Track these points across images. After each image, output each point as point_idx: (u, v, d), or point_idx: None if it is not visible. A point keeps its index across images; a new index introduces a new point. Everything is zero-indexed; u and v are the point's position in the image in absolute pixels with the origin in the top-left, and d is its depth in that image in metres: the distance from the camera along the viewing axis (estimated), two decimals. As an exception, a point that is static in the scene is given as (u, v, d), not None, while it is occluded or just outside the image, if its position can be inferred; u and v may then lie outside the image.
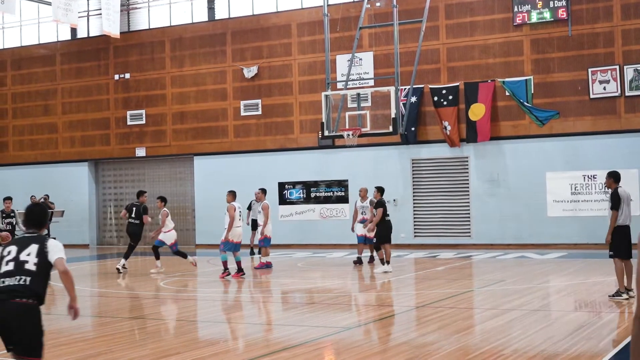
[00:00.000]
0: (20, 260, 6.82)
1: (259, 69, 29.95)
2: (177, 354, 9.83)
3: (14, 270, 6.79)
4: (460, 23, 27.18)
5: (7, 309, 6.69)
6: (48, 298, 15.90)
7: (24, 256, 6.85)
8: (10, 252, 6.90)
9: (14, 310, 6.71)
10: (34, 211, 7.32)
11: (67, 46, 33.68)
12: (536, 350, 9.61)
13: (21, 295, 6.73)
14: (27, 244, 6.93)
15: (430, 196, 27.58)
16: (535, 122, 25.85)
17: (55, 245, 7.01)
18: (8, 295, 6.71)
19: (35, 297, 6.86)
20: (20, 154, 34.54)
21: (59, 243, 7.15)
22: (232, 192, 19.31)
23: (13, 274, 6.77)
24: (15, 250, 6.90)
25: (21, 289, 6.73)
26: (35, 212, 7.31)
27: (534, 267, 20.11)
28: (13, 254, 6.88)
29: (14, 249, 6.90)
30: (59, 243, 7.15)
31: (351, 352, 9.87)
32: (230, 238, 18.67)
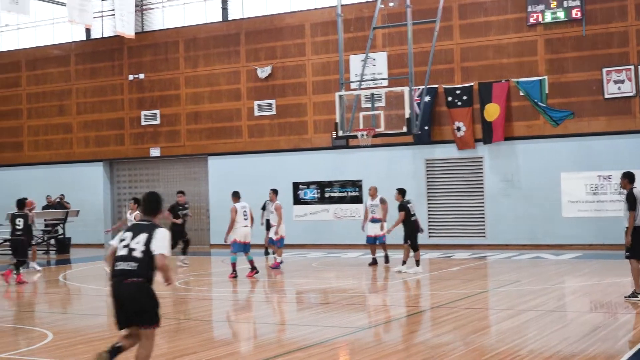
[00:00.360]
0: (131, 247, 7.84)
1: (272, 69, 29.98)
2: (193, 354, 9.87)
3: (126, 256, 7.83)
4: (474, 23, 27.13)
5: (122, 289, 7.81)
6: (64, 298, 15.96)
7: (134, 244, 7.85)
8: (125, 237, 7.95)
9: (127, 289, 7.79)
10: (149, 200, 8.21)
11: (82, 47, 33.81)
12: (552, 351, 9.60)
13: (131, 276, 7.78)
14: (139, 232, 7.92)
15: (445, 196, 27.53)
16: (550, 122, 25.78)
17: (161, 238, 7.89)
18: (122, 277, 7.81)
19: (144, 278, 7.86)
20: (36, 154, 34.69)
21: (165, 236, 7.95)
22: (234, 193, 19.38)
23: (125, 259, 7.83)
24: (129, 237, 7.92)
25: (131, 273, 7.78)
26: (150, 201, 8.21)
27: (549, 267, 20.06)
28: (127, 240, 7.91)
29: (129, 236, 7.93)
30: (165, 236, 7.95)
31: (366, 353, 9.87)
32: (237, 239, 18.73)
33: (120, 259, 7.86)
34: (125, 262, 7.82)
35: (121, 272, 7.82)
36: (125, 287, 7.81)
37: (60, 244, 29.13)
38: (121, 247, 7.90)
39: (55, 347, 10.59)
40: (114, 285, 7.89)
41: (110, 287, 7.94)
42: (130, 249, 7.84)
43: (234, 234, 18.77)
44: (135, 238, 7.87)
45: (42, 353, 10.23)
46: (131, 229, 8.04)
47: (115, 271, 7.87)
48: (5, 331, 12.14)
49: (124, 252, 7.87)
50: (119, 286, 7.84)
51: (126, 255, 7.83)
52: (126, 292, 7.81)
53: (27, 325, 12.88)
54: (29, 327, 12.59)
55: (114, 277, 7.89)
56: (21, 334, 12.00)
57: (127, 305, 7.84)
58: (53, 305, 15.68)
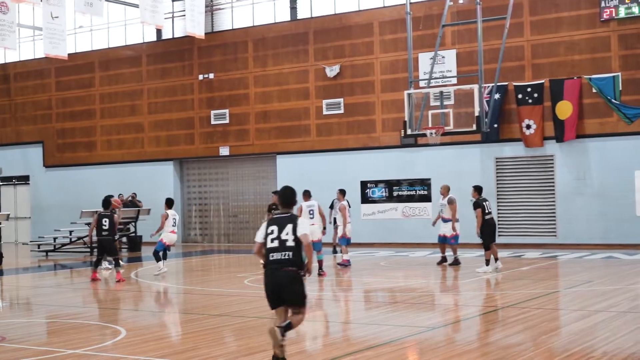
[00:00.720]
0: (282, 239, 8.89)
1: (341, 68, 30.01)
2: (262, 352, 9.93)
3: (279, 247, 8.89)
4: (545, 19, 26.75)
5: (279, 276, 8.90)
6: (135, 295, 16.22)
7: (284, 235, 8.90)
8: (273, 231, 8.97)
9: (284, 277, 8.89)
10: (285, 193, 9.29)
11: (153, 47, 34.31)
12: (626, 353, 9.42)
13: (287, 265, 8.85)
14: (284, 224, 8.96)
15: (515, 195, 27.23)
16: (624, 120, 25.29)
17: (303, 222, 9.02)
18: (278, 266, 8.87)
19: (296, 266, 8.91)
20: (108, 153, 35.33)
21: (306, 222, 9.14)
22: (305, 192, 19.54)
23: (279, 250, 8.89)
24: (277, 230, 8.94)
25: (286, 262, 8.85)
26: (286, 194, 9.28)
27: (622, 267, 19.68)
28: (276, 233, 8.94)
29: (276, 229, 8.96)
30: (306, 222, 9.14)
31: (436, 352, 9.82)
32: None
33: (274, 250, 8.92)
34: (279, 252, 8.88)
35: (277, 261, 8.89)
36: (281, 275, 8.88)
37: (132, 242, 29.62)
38: (271, 240, 8.94)
39: (128, 343, 10.77)
40: (270, 273, 8.96)
41: (266, 274, 9.00)
42: (281, 240, 8.89)
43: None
44: (283, 230, 8.91)
45: (116, 349, 10.42)
46: (275, 222, 9.03)
47: (271, 261, 8.93)
48: (80, 327, 12.39)
49: (275, 244, 8.92)
50: (275, 274, 8.92)
51: (279, 247, 8.89)
52: (281, 279, 8.89)
53: (101, 322, 13.13)
54: (103, 323, 12.84)
55: (270, 265, 8.95)
56: (96, 330, 12.23)
57: (282, 291, 8.93)
58: (126, 303, 15.95)
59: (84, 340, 11.12)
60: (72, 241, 28.99)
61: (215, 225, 33.63)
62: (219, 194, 33.55)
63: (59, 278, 21.77)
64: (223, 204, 33.47)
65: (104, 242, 18.76)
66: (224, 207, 33.45)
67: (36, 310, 15.14)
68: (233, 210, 33.21)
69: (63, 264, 25.49)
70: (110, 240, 18.75)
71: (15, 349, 10.47)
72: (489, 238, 18.99)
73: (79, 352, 10.14)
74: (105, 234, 18.74)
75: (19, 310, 15.39)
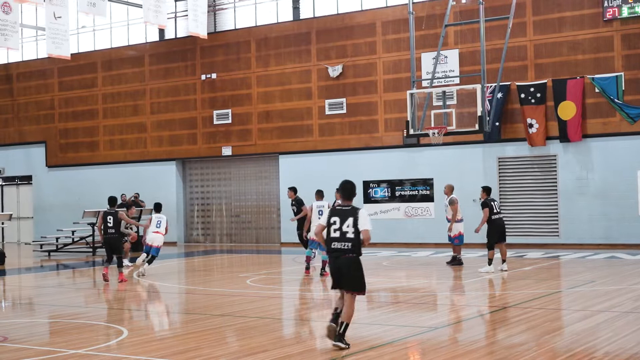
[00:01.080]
0: (343, 230, 9.93)
1: (343, 68, 30.00)
2: (265, 352, 9.93)
3: (339, 238, 9.96)
4: (548, 19, 26.73)
5: (340, 262, 9.99)
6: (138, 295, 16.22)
7: (345, 227, 9.93)
8: (335, 221, 10.01)
9: (344, 262, 9.96)
10: (346, 187, 10.25)
11: (155, 47, 34.32)
12: (628, 353, 9.40)
13: (347, 253, 9.94)
14: (346, 217, 9.98)
15: (517, 195, 27.21)
16: (626, 120, 25.26)
17: (364, 217, 9.97)
18: (339, 253, 9.97)
19: (356, 253, 9.96)
20: (111, 153, 35.35)
21: (366, 214, 10.04)
22: (318, 192, 19.56)
23: (339, 240, 9.96)
24: (339, 221, 9.98)
25: (346, 251, 9.94)
26: (347, 188, 10.23)
27: (625, 267, 19.66)
28: (338, 224, 9.99)
29: (338, 220, 10.00)
30: (366, 214, 10.04)
31: (438, 352, 9.81)
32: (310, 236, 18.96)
33: (335, 240, 10.01)
34: (340, 242, 9.97)
35: (338, 250, 9.99)
36: (343, 261, 9.97)
37: (135, 242, 29.53)
38: (333, 230, 10.00)
39: (130, 343, 10.77)
40: (333, 260, 10.09)
41: (330, 259, 10.19)
42: (342, 231, 9.95)
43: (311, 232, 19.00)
44: (344, 222, 9.94)
45: (118, 349, 10.42)
46: (337, 213, 10.06)
47: (333, 249, 10.04)
48: (82, 327, 12.39)
49: (337, 234, 9.99)
50: (337, 261, 10.02)
51: (340, 237, 9.97)
52: (342, 265, 9.97)
53: (103, 321, 13.13)
54: (105, 323, 12.83)
55: (332, 253, 10.07)
56: (98, 330, 12.23)
57: (342, 275, 9.98)
58: (128, 303, 15.95)
59: (86, 340, 11.12)
60: (74, 241, 29.00)
61: (217, 225, 33.63)
62: (222, 194, 33.56)
63: (61, 278, 21.78)
64: (225, 203, 33.48)
65: (111, 240, 18.65)
66: (226, 207, 33.46)
67: (38, 310, 15.15)
68: (235, 210, 33.22)
69: (65, 264, 25.50)
70: (117, 238, 18.66)
71: (18, 349, 10.48)
72: (495, 238, 18.98)
73: (81, 352, 10.14)
74: (111, 232, 18.67)
75: (21, 310, 15.39)
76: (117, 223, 18.54)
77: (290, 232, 30.20)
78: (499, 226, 19.16)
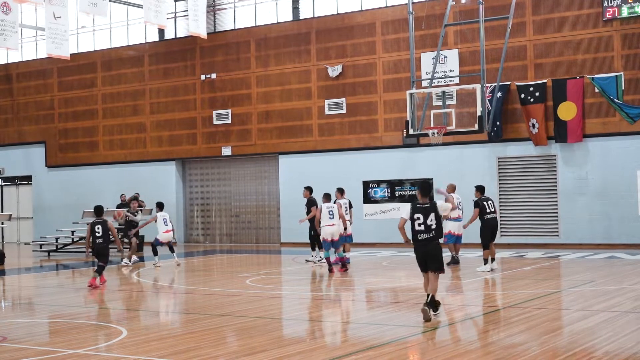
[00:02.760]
0: (427, 224, 12.08)
1: (343, 68, 30.00)
2: (264, 352, 9.92)
3: (425, 230, 12.13)
4: (547, 19, 26.73)
5: (427, 248, 12.19)
6: (137, 295, 16.14)
7: (429, 221, 12.08)
8: (419, 217, 12.12)
9: (432, 249, 12.20)
10: (425, 187, 12.32)
11: (155, 47, 34.31)
12: (628, 353, 9.40)
13: (433, 240, 12.14)
14: (428, 213, 12.11)
15: (517, 195, 27.21)
16: (626, 119, 25.24)
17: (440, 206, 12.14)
18: (427, 242, 12.14)
19: (437, 240, 12.17)
20: (111, 153, 35.34)
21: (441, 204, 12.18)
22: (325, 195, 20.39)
23: (425, 232, 12.13)
24: (422, 217, 12.10)
25: (432, 239, 12.13)
26: (425, 187, 12.32)
27: (624, 267, 19.65)
28: (422, 219, 12.10)
29: (422, 216, 12.12)
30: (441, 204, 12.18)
31: (438, 352, 9.81)
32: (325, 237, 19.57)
33: (421, 232, 12.14)
34: (426, 233, 12.11)
35: (425, 239, 12.12)
36: (430, 248, 12.17)
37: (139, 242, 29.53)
38: (417, 225, 12.13)
39: (129, 343, 10.77)
40: (421, 248, 12.23)
41: (416, 249, 12.31)
42: (427, 224, 12.07)
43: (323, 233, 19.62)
44: (428, 217, 12.06)
45: (117, 349, 10.41)
46: (420, 211, 12.15)
47: (420, 239, 12.16)
48: (81, 327, 12.39)
49: (422, 227, 12.12)
50: (424, 248, 12.19)
51: (425, 230, 12.10)
52: (429, 251, 12.18)
53: (102, 321, 13.12)
54: (104, 323, 12.83)
55: (420, 242, 12.20)
56: (97, 330, 12.22)
57: (428, 260, 12.19)
58: (127, 303, 15.94)
59: (86, 340, 11.12)
60: (74, 241, 29.00)
61: (217, 225, 33.63)
62: (221, 194, 33.55)
63: (60, 278, 21.78)
64: (225, 204, 33.47)
65: (99, 248, 18.42)
66: (226, 207, 33.46)
67: (38, 310, 15.15)
68: (235, 210, 33.21)
69: (65, 264, 25.49)
70: (104, 246, 18.38)
71: (17, 348, 10.47)
72: (488, 238, 18.94)
73: (80, 352, 10.13)
74: (99, 242, 18.41)
75: (20, 310, 15.39)
76: (105, 232, 18.22)
77: (290, 232, 30.20)
78: (492, 226, 19.11)
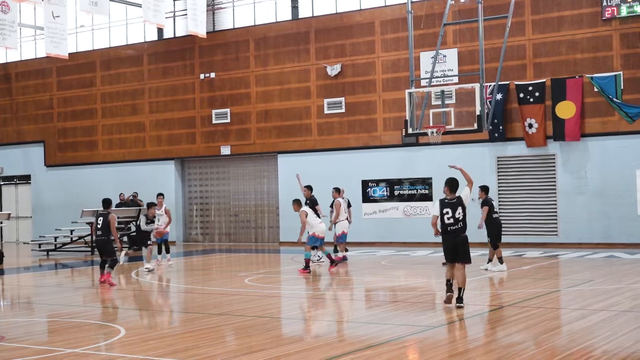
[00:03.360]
0: (456, 217, 13.10)
1: (342, 67, 29.99)
2: (262, 350, 9.91)
3: (454, 223, 13.13)
4: (547, 18, 26.72)
5: (457, 240, 13.18)
6: (136, 294, 16.12)
7: (457, 214, 13.10)
8: (448, 212, 13.12)
9: (461, 241, 13.21)
10: (453, 183, 13.35)
11: (154, 46, 34.30)
12: (626, 352, 9.39)
13: (461, 232, 13.17)
14: (456, 207, 13.12)
15: (516, 194, 27.21)
16: (625, 119, 25.25)
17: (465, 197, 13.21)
18: (455, 234, 13.15)
19: (465, 232, 13.22)
20: (110, 152, 35.33)
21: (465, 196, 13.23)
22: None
23: (454, 224, 13.14)
24: (451, 211, 13.11)
25: (460, 230, 13.18)
26: (454, 184, 13.35)
27: (623, 267, 19.65)
28: (450, 213, 13.11)
29: (450, 210, 13.13)
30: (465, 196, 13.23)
31: (436, 351, 9.80)
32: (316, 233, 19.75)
33: (451, 224, 13.12)
34: (455, 225, 13.10)
35: (454, 231, 13.13)
36: (459, 240, 13.17)
37: (133, 241, 29.55)
38: (447, 218, 13.10)
39: (128, 342, 10.76)
40: (451, 239, 13.18)
41: (447, 240, 13.22)
42: (455, 218, 13.09)
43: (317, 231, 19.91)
44: (455, 211, 13.07)
45: (115, 348, 10.40)
46: (448, 205, 13.15)
47: (450, 231, 13.15)
48: (79, 326, 12.38)
49: (451, 220, 13.11)
50: (455, 240, 13.17)
51: (454, 222, 13.11)
52: (459, 242, 13.17)
53: (100, 320, 13.11)
54: (103, 322, 12.82)
55: (450, 234, 13.16)
56: (95, 329, 12.21)
57: (457, 250, 13.16)
58: (125, 302, 15.94)
59: (84, 339, 11.11)
60: (73, 240, 28.99)
61: (216, 225, 33.62)
62: (220, 193, 33.54)
63: (59, 277, 21.77)
64: (224, 203, 33.47)
65: (99, 242, 18.19)
66: (225, 206, 33.45)
67: (36, 309, 15.13)
68: (234, 210, 33.20)
69: (64, 263, 25.49)
70: (103, 240, 17.92)
71: (15, 347, 10.46)
72: (498, 237, 19.06)
73: (79, 351, 10.12)
74: (99, 235, 18.04)
75: (19, 310, 15.38)
76: (105, 225, 17.91)
77: (289, 231, 30.18)
78: (499, 225, 19.20)
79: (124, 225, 30.04)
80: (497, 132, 26.84)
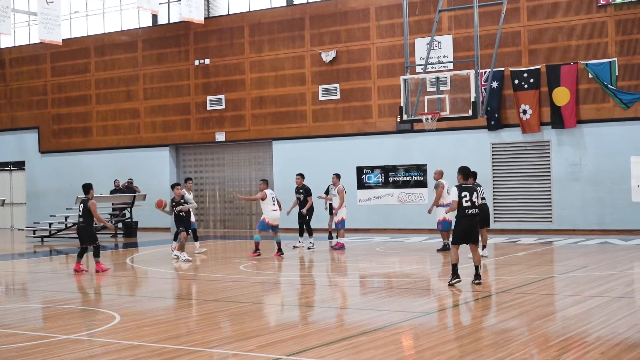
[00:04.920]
0: (473, 200, 13.96)
1: (337, 54, 29.94)
2: (257, 337, 9.93)
3: (471, 206, 13.89)
4: (542, 4, 26.68)
5: (473, 222, 13.98)
6: (130, 280, 16.11)
7: (474, 198, 13.93)
8: (466, 195, 13.87)
9: (476, 223, 14.08)
10: (467, 171, 14.19)
11: (149, 33, 34.20)
12: (620, 338, 9.43)
13: (477, 216, 14.03)
14: (472, 191, 13.99)
15: (511, 181, 27.23)
16: (620, 105, 25.27)
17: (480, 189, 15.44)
18: (473, 217, 13.95)
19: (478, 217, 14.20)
20: (104, 138, 35.27)
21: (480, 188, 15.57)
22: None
23: (472, 208, 13.91)
24: (469, 195, 13.90)
25: (477, 215, 14.02)
26: (467, 172, 14.26)
27: (617, 253, 19.70)
28: (468, 197, 13.89)
29: (468, 194, 13.90)
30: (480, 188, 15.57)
31: (430, 337, 9.82)
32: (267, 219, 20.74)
33: (469, 207, 13.89)
34: (473, 209, 13.92)
35: (472, 214, 13.91)
36: (475, 222, 14.01)
37: (128, 228, 29.60)
38: (465, 201, 13.81)
39: (122, 328, 10.77)
40: (466, 222, 13.93)
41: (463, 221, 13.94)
42: (472, 201, 13.89)
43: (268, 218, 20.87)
44: (472, 194, 13.91)
45: (109, 335, 10.41)
46: (466, 189, 13.93)
47: (468, 214, 13.88)
48: (73, 313, 12.38)
49: (469, 204, 13.87)
50: (471, 222, 13.96)
51: (471, 206, 13.90)
52: (474, 224, 13.99)
53: (94, 307, 13.12)
54: (97, 309, 12.82)
55: (467, 217, 13.90)
56: (89, 315, 12.22)
57: (472, 232, 13.98)
58: (120, 288, 15.94)
59: (79, 325, 11.12)
60: (67, 227, 28.97)
61: (211, 211, 33.62)
62: (215, 180, 33.53)
63: (54, 264, 21.76)
64: (219, 189, 33.46)
65: (79, 229, 18.02)
66: (219, 193, 33.44)
67: (31, 295, 15.13)
68: (229, 196, 33.19)
69: (58, 249, 25.47)
70: (83, 227, 17.70)
71: (9, 334, 10.46)
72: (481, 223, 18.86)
73: (73, 337, 10.13)
74: (80, 221, 17.81)
75: (13, 296, 15.38)
76: (86, 212, 17.70)
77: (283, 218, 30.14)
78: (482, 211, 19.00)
79: (118, 211, 30.05)
80: (493, 119, 26.85)
